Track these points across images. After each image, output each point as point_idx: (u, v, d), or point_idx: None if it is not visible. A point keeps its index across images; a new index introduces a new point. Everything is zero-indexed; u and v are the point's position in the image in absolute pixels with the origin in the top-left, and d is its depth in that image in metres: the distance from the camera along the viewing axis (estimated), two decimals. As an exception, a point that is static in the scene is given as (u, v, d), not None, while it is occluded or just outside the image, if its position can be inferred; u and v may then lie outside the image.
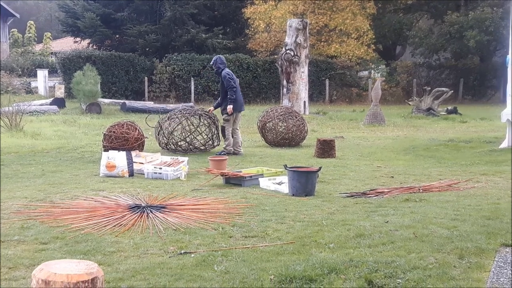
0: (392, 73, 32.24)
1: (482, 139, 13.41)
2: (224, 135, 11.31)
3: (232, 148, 11.23)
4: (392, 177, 8.56)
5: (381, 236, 5.09)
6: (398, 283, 3.98)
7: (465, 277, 4.09)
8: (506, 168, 9.24)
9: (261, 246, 4.92)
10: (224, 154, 10.55)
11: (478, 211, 6.01)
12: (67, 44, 37.07)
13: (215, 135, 11.51)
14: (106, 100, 23.99)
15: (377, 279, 4.03)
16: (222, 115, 11.37)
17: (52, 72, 31.92)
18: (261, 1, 29.79)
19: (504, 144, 11.99)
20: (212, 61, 11.48)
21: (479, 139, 13.43)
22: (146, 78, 27.77)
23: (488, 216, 5.74)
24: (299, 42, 21.45)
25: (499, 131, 14.13)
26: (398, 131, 16.29)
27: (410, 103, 22.61)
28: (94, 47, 31.47)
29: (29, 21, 45.08)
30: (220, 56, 11.63)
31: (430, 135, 14.85)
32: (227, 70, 11.33)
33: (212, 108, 11.87)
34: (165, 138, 11.37)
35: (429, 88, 22.11)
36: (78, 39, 32.25)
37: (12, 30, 42.83)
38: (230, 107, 11.08)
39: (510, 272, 4.23)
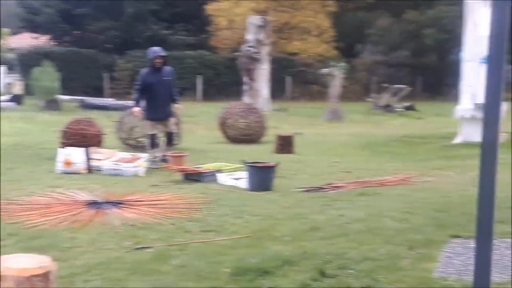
0: (352, 70, 32.61)
1: (437, 135, 13.74)
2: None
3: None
4: (349, 172, 8.72)
5: (335, 229, 5.20)
6: (350, 274, 4.09)
7: (414, 267, 4.21)
8: (459, 162, 9.51)
9: (218, 240, 4.98)
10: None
11: (430, 204, 6.18)
12: (26, 40, 36.36)
13: (176, 134, 11.35)
14: (65, 97, 23.66)
15: (329, 270, 4.13)
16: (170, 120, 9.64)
17: (10, 68, 31.27)
18: (223, -2, 29.79)
19: (457, 140, 12.33)
20: (160, 52, 9.26)
21: (434, 135, 13.76)
22: (106, 74, 27.49)
23: (438, 209, 5.90)
24: (260, 39, 21.56)
25: (453, 127, 14.47)
26: (357, 127, 16.55)
27: (369, 100, 22.95)
28: (54, 43, 30.99)
29: (-14, 16, 44.08)
30: None
31: (387, 131, 15.14)
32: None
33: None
34: (125, 134, 11.33)
35: (388, 85, 22.47)
36: (36, 35, 31.71)
37: (-32, 25, 41.80)
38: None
39: (458, 262, 4.38)
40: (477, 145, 12.07)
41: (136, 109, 9.22)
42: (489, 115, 1.75)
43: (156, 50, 9.33)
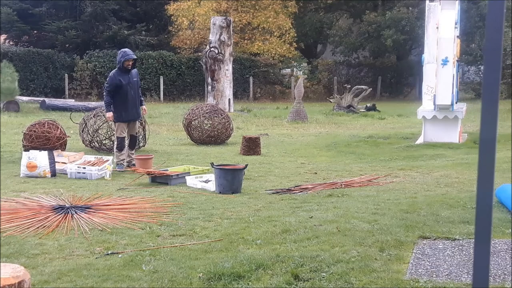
0: (314, 71, 32.86)
1: (400, 135, 13.94)
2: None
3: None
4: (316, 173, 8.78)
5: (306, 231, 5.23)
6: (323, 277, 4.12)
7: (385, 269, 4.27)
8: (422, 163, 9.68)
9: (189, 244, 4.96)
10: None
11: (397, 205, 6.27)
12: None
13: (141, 136, 11.33)
14: (25, 98, 23.21)
15: (303, 273, 4.16)
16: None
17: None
18: (184, -3, 29.64)
19: (420, 140, 12.54)
20: (132, 55, 9.23)
21: (396, 135, 13.95)
22: (66, 75, 27.06)
23: (406, 210, 6.00)
24: (223, 40, 21.52)
25: (415, 127, 14.73)
26: (320, 128, 16.67)
27: (331, 100, 23.14)
28: (11, 43, 30.38)
29: None
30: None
31: (350, 132, 15.28)
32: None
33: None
34: (89, 136, 11.18)
35: (349, 86, 22.71)
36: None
37: None
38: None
39: (428, 263, 4.45)
40: (439, 145, 12.33)
41: (109, 114, 9.10)
42: (487, 113, 1.77)
43: (128, 52, 9.22)
